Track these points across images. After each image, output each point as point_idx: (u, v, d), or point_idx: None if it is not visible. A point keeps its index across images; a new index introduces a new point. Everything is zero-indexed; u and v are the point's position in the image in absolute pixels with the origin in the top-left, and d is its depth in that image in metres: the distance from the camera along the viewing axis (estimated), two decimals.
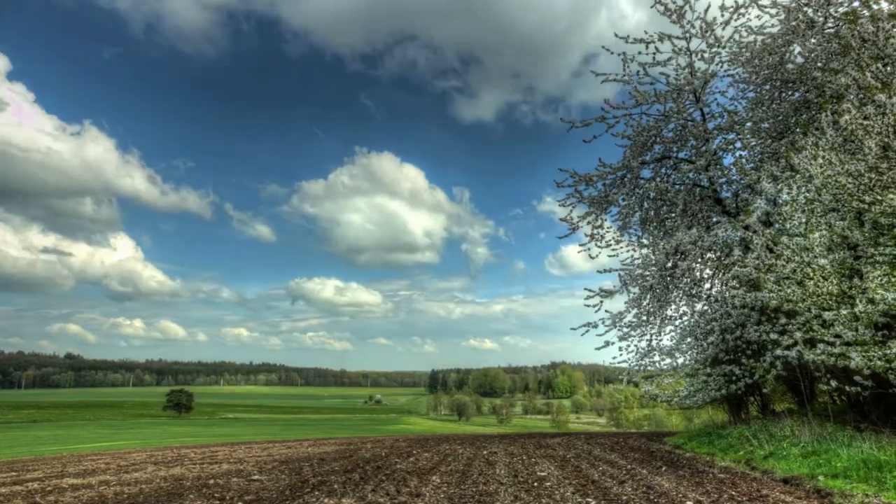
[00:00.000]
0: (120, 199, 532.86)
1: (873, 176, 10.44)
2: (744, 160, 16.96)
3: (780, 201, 13.75)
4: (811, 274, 11.13)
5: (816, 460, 9.46)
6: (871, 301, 10.01)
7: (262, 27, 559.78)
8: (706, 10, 16.01)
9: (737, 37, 16.03)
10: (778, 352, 12.36)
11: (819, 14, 13.23)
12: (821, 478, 8.48)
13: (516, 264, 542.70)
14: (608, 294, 17.27)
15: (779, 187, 13.35)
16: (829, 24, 13.10)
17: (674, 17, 16.23)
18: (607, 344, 17.66)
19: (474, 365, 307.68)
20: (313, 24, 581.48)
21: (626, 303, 17.68)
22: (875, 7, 11.82)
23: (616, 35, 16.62)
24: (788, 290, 11.32)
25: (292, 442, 22.39)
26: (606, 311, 17.61)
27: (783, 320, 12.41)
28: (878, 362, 9.64)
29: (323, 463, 12.30)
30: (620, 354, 17.77)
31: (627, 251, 18.23)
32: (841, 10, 12.98)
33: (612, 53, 16.75)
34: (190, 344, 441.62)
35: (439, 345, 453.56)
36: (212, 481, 9.79)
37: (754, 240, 13.29)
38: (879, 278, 10.06)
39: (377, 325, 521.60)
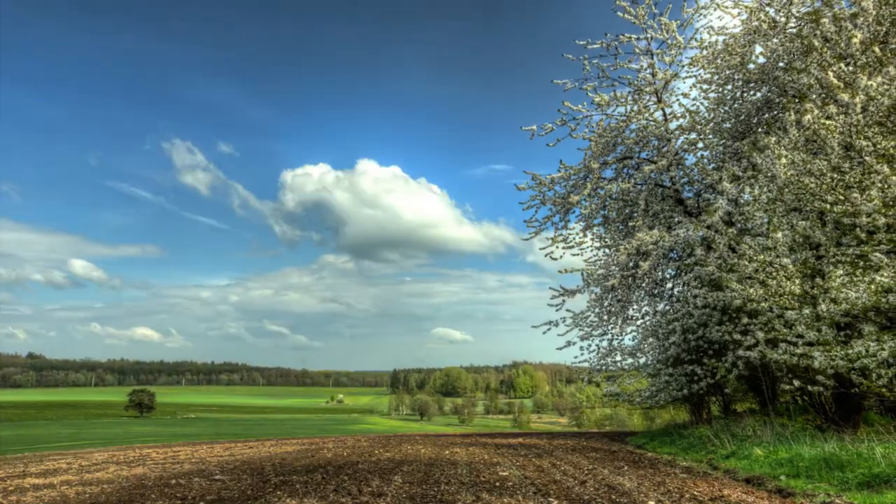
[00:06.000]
0: None
1: (836, 176, 10.51)
2: (705, 160, 17.03)
3: (742, 201, 13.82)
4: (774, 274, 11.17)
5: (778, 460, 9.46)
6: (834, 301, 10.06)
7: None
8: (667, 11, 16.09)
9: (698, 37, 16.13)
10: (740, 352, 12.38)
11: (781, 14, 13.31)
12: (783, 477, 8.46)
13: None
14: (571, 293, 17.25)
15: (741, 187, 13.40)
16: (792, 24, 13.18)
17: (635, 18, 16.27)
18: (569, 344, 17.68)
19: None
20: None
21: (588, 302, 17.73)
22: (837, 7, 11.90)
23: (576, 41, 16.63)
24: (751, 290, 11.34)
25: (254, 442, 21.99)
26: (568, 310, 17.62)
27: (745, 320, 12.44)
28: (841, 362, 9.67)
29: (285, 463, 12.03)
30: (581, 354, 17.83)
31: (591, 251, 18.27)
32: (803, 9, 13.07)
33: (573, 59, 16.75)
34: (153, 343, 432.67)
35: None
36: (174, 481, 9.53)
37: (716, 239, 13.32)
38: (842, 278, 10.12)
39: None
